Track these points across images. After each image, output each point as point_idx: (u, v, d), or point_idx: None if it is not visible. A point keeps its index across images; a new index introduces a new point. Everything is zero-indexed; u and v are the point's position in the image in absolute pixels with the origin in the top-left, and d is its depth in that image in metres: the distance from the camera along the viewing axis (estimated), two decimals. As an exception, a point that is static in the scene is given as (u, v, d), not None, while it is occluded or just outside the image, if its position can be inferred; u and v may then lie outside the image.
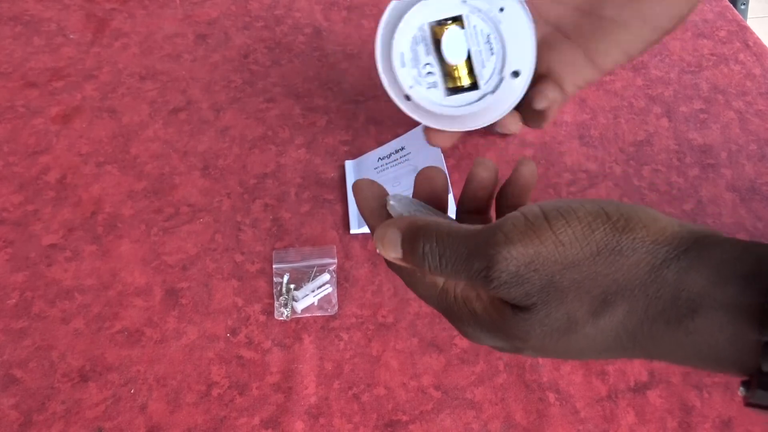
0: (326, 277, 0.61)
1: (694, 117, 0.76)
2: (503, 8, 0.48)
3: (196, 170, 0.71)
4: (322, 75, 0.81)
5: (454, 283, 0.37)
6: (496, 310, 0.34)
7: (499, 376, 0.56)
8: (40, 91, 0.79)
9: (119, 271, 0.62)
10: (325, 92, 0.79)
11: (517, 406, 0.54)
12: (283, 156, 0.72)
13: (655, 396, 0.55)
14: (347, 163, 0.71)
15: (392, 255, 0.36)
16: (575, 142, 0.73)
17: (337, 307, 0.60)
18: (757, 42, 0.86)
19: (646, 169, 0.71)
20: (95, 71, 0.82)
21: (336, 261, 0.62)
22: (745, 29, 0.88)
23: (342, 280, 0.61)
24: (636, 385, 0.55)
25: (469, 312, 0.36)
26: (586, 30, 0.50)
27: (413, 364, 0.56)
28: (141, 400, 0.54)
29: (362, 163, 0.71)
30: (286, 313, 0.59)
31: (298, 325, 0.59)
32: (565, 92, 0.52)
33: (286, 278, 0.61)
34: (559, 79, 0.51)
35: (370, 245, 0.64)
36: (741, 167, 0.71)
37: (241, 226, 0.66)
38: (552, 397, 0.55)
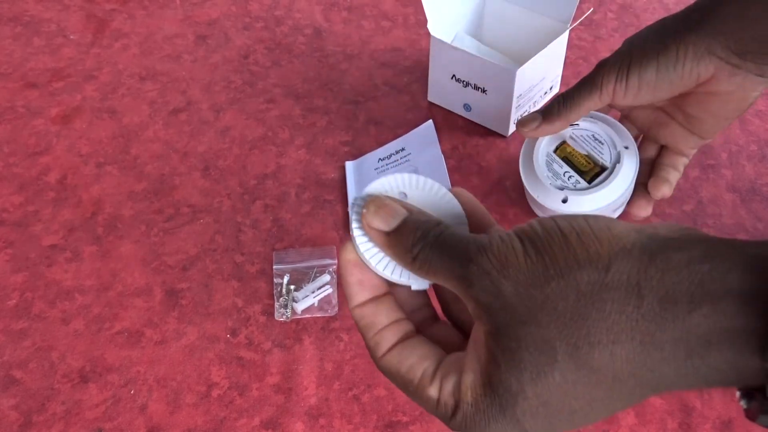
0: (326, 277, 0.61)
1: (695, 118, 0.76)
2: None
3: (196, 171, 0.71)
4: (322, 76, 0.81)
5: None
6: (477, 347, 0.33)
7: (499, 377, 0.56)
8: (40, 91, 0.79)
9: (119, 272, 0.62)
10: (325, 93, 0.79)
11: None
12: (283, 157, 0.72)
13: (655, 397, 0.55)
14: (347, 163, 0.71)
15: (382, 225, 0.34)
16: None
17: (337, 308, 0.60)
18: (757, 43, 0.86)
19: (647, 170, 0.71)
20: (95, 72, 0.82)
21: (336, 262, 0.62)
22: (745, 30, 0.88)
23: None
24: (636, 385, 0.55)
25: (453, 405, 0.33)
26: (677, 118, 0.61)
27: (413, 365, 0.56)
28: (141, 401, 0.54)
29: (362, 163, 0.71)
30: (286, 313, 0.59)
31: (299, 325, 0.59)
32: (685, 155, 0.63)
33: (286, 279, 0.61)
34: (675, 148, 0.62)
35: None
36: (741, 168, 0.71)
37: (241, 226, 0.66)
38: (552, 397, 0.55)
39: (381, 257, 0.35)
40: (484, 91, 0.72)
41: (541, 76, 0.74)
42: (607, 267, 0.29)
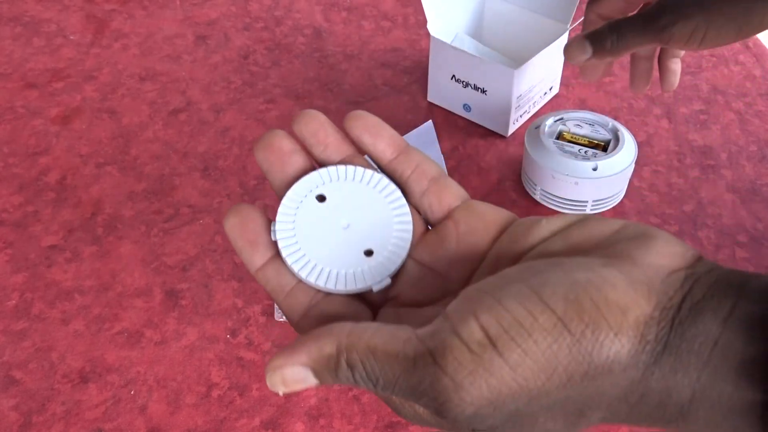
0: (326, 278, 0.61)
1: (694, 118, 0.76)
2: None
3: (196, 171, 0.71)
4: (322, 76, 0.81)
5: None
6: (454, 427, 0.29)
7: (499, 378, 0.56)
8: (39, 92, 0.79)
9: (119, 272, 0.62)
10: (325, 93, 0.79)
11: None
12: (283, 157, 0.72)
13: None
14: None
15: (304, 388, 0.29)
16: (575, 143, 0.73)
17: (337, 309, 0.60)
18: (757, 43, 0.86)
19: (646, 170, 0.71)
20: (95, 72, 0.82)
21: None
22: (745, 30, 0.88)
23: (342, 281, 0.61)
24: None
25: (413, 414, 0.30)
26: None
27: (413, 366, 0.56)
28: (141, 402, 0.54)
29: (362, 164, 0.71)
30: (286, 314, 0.59)
31: (298, 326, 0.59)
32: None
33: (286, 279, 0.61)
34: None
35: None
36: (741, 168, 0.71)
37: (241, 227, 0.66)
38: (552, 398, 0.55)
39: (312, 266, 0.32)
40: (483, 91, 0.72)
41: (541, 76, 0.74)
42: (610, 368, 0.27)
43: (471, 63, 0.71)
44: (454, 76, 0.74)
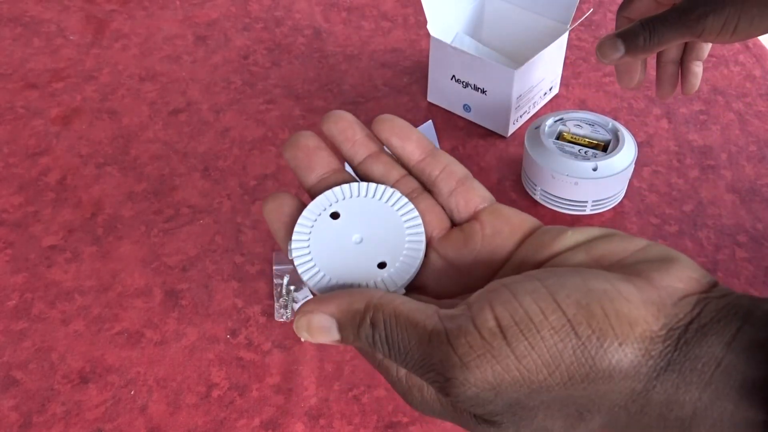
0: (326, 278, 0.61)
1: (694, 118, 0.76)
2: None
3: (196, 171, 0.71)
4: (322, 76, 0.81)
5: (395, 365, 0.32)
6: (455, 410, 0.30)
7: (499, 378, 0.56)
8: (40, 92, 0.79)
9: (119, 273, 0.62)
10: (325, 93, 0.79)
11: None
12: (283, 157, 0.72)
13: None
14: (347, 164, 0.71)
15: (326, 341, 0.30)
16: (575, 144, 0.74)
17: (337, 309, 0.60)
18: (757, 43, 0.86)
19: (646, 171, 0.71)
20: (95, 72, 0.82)
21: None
22: (745, 30, 0.88)
23: (342, 281, 0.61)
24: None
25: (420, 399, 0.31)
26: None
27: (413, 366, 0.56)
28: (141, 402, 0.54)
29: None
30: (286, 314, 0.59)
31: (298, 326, 0.59)
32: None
33: (286, 280, 0.61)
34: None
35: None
36: (741, 168, 0.71)
37: (241, 227, 0.66)
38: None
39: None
40: (483, 91, 0.72)
41: (541, 76, 0.74)
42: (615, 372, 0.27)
43: (471, 63, 0.71)
44: (454, 76, 0.74)
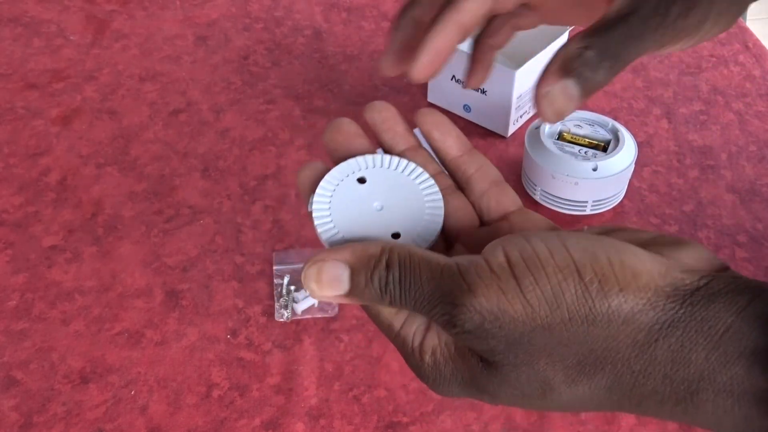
0: (326, 278, 0.61)
1: (694, 118, 0.77)
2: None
3: (196, 172, 0.71)
4: (322, 76, 0.82)
5: (412, 331, 0.32)
6: (462, 359, 0.31)
7: (499, 378, 0.56)
8: (40, 92, 0.79)
9: (119, 273, 0.62)
10: (325, 94, 0.79)
11: (518, 408, 0.54)
12: (283, 157, 0.72)
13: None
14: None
15: (332, 293, 0.31)
16: (575, 144, 0.74)
17: (337, 309, 0.60)
18: (757, 43, 0.86)
19: (646, 171, 0.71)
20: (95, 73, 0.82)
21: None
22: (745, 31, 0.88)
23: (342, 281, 0.61)
24: (636, 386, 0.55)
25: (432, 364, 0.32)
26: None
27: (413, 366, 0.56)
28: (141, 402, 0.54)
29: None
30: (286, 314, 0.59)
31: (299, 326, 0.59)
32: None
33: (286, 280, 0.61)
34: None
35: (371, 247, 0.64)
36: (741, 169, 0.71)
37: (241, 227, 0.66)
38: (552, 398, 0.55)
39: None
40: (483, 92, 0.72)
41: (541, 76, 0.74)
42: (625, 321, 0.28)
43: (471, 63, 0.71)
44: (454, 76, 0.74)
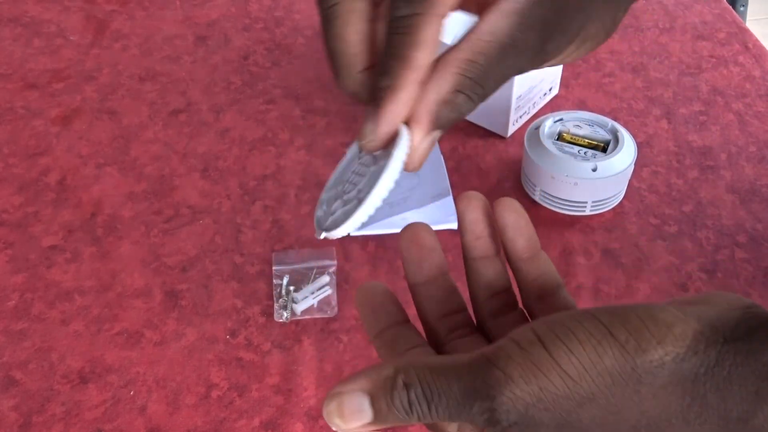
0: (326, 278, 0.61)
1: (694, 119, 0.76)
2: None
3: (195, 172, 0.71)
4: (321, 77, 0.81)
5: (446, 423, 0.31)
6: None
7: (498, 378, 0.56)
8: (40, 92, 0.79)
9: (119, 273, 0.62)
10: (324, 94, 0.79)
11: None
12: (282, 157, 0.72)
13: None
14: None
15: (359, 424, 0.29)
16: (575, 144, 0.74)
17: (336, 309, 0.60)
18: (757, 44, 0.86)
19: (646, 171, 0.71)
20: (95, 73, 0.82)
21: (336, 263, 0.62)
22: (745, 31, 0.88)
23: (342, 281, 0.61)
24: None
25: None
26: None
27: (413, 366, 0.56)
28: (141, 402, 0.54)
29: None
30: (285, 314, 0.59)
31: (298, 326, 0.59)
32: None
33: (285, 280, 0.61)
34: None
35: (370, 247, 0.64)
36: (741, 169, 0.71)
37: (240, 227, 0.66)
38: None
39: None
40: (483, 92, 0.72)
41: (541, 77, 0.74)
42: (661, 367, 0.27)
43: (471, 64, 0.71)
44: (453, 76, 0.74)
